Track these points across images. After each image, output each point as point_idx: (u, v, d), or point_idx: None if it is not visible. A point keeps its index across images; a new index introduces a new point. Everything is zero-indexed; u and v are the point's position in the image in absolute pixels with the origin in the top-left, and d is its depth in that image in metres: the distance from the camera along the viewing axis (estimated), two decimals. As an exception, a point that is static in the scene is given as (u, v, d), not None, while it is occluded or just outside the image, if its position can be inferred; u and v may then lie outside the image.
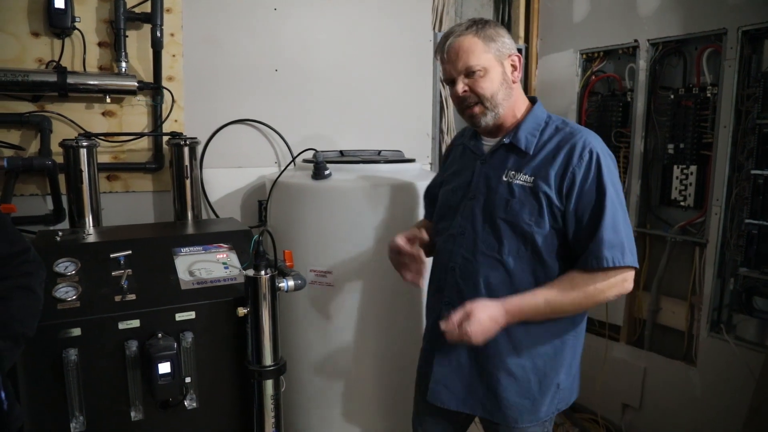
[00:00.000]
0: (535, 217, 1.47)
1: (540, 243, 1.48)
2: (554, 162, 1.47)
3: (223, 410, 1.83)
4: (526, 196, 1.48)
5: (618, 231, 1.42)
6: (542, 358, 1.56)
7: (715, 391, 2.46)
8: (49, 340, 1.57)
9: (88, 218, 2.07)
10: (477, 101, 1.51)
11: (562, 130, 1.52)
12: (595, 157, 1.44)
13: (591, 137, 1.50)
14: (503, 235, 1.50)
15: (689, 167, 2.55)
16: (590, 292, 1.44)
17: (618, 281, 1.44)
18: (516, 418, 1.57)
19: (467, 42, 1.49)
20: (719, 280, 2.46)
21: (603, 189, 1.43)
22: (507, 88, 1.52)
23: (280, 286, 1.77)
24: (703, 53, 2.48)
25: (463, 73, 1.50)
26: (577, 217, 1.45)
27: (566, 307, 1.47)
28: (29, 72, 2.06)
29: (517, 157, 1.53)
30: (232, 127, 2.56)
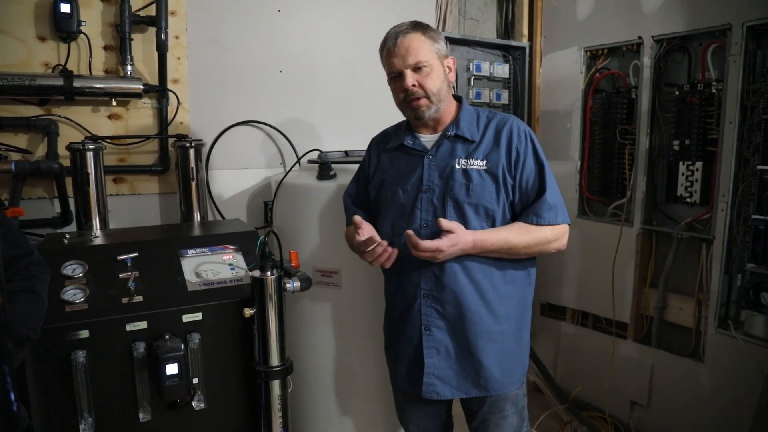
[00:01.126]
0: (495, 195, 1.65)
1: (499, 217, 1.67)
2: (499, 144, 1.67)
3: (231, 411, 1.84)
4: (483, 178, 1.65)
5: (554, 195, 1.66)
6: (514, 318, 1.73)
7: (724, 387, 2.45)
8: (57, 342, 1.59)
9: (95, 221, 2.08)
10: (423, 95, 1.65)
11: (494, 118, 1.73)
12: (529, 136, 1.69)
13: (519, 121, 1.73)
14: (468, 217, 1.65)
15: (695, 163, 2.54)
16: (540, 240, 1.65)
17: (560, 235, 1.69)
18: (509, 383, 1.73)
19: (417, 39, 1.64)
20: (726, 277, 2.45)
21: (541, 161, 1.67)
22: (447, 86, 1.70)
23: (286, 287, 1.78)
24: (707, 49, 2.47)
25: (411, 67, 1.64)
26: (521, 186, 1.66)
27: (519, 249, 1.65)
28: (36, 76, 2.08)
29: (463, 146, 1.69)
30: (237, 128, 2.57)
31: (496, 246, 1.62)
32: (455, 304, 1.67)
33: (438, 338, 1.70)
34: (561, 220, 1.67)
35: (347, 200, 1.94)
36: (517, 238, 1.63)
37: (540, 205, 1.64)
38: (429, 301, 1.70)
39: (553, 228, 1.66)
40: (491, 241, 1.61)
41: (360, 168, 1.94)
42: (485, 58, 3.13)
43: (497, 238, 1.62)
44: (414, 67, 1.63)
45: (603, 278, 2.90)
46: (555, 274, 3.17)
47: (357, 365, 2.23)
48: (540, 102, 3.26)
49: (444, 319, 1.69)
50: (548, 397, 3.08)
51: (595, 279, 2.98)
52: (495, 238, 1.62)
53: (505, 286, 1.70)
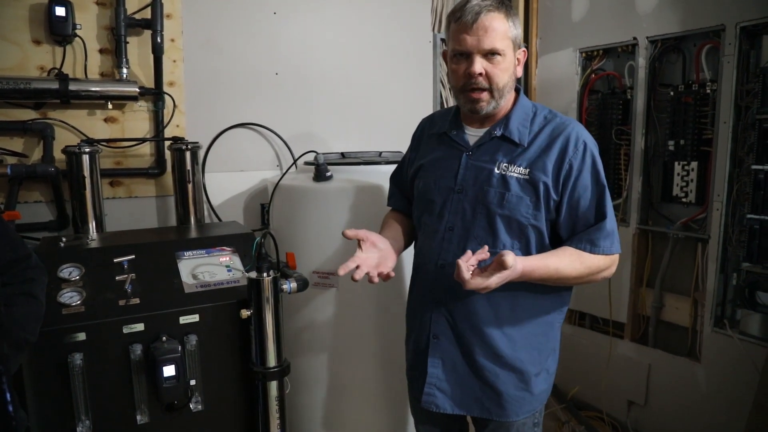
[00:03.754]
0: (533, 210, 1.46)
1: (533, 236, 1.48)
2: (549, 153, 1.46)
3: (229, 412, 1.83)
4: (522, 188, 1.45)
5: (613, 222, 1.48)
6: (535, 345, 1.56)
7: (720, 386, 2.46)
8: (54, 345, 1.58)
9: (91, 224, 2.08)
10: (487, 87, 1.45)
11: (552, 120, 1.51)
12: (589, 150, 1.47)
13: (581, 129, 1.51)
14: (498, 229, 1.48)
15: (690, 163, 2.56)
16: (592, 270, 1.47)
17: (610, 264, 1.50)
18: (516, 411, 1.56)
19: (499, 21, 1.40)
20: (722, 276, 2.46)
21: (601, 181, 1.47)
22: (512, 81, 1.49)
23: (283, 288, 1.78)
24: (701, 50, 2.48)
25: (484, 52, 1.42)
26: (571, 207, 1.47)
27: (570, 279, 1.48)
28: (31, 79, 2.08)
29: (508, 149, 1.50)
30: (233, 131, 2.57)
31: (545, 276, 1.42)
32: (466, 320, 1.53)
33: (445, 349, 1.57)
34: (616, 250, 1.48)
35: (391, 181, 1.85)
36: (569, 267, 1.44)
37: (598, 232, 1.45)
38: (441, 309, 1.56)
39: (606, 257, 1.47)
40: (540, 271, 1.40)
41: (408, 148, 1.82)
42: (481, 59, 3.13)
43: (547, 268, 1.41)
44: (487, 53, 1.41)
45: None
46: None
47: (354, 367, 2.23)
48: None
49: (453, 332, 1.56)
50: (546, 397, 3.08)
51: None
52: (545, 268, 1.41)
53: (529, 311, 1.54)
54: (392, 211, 1.85)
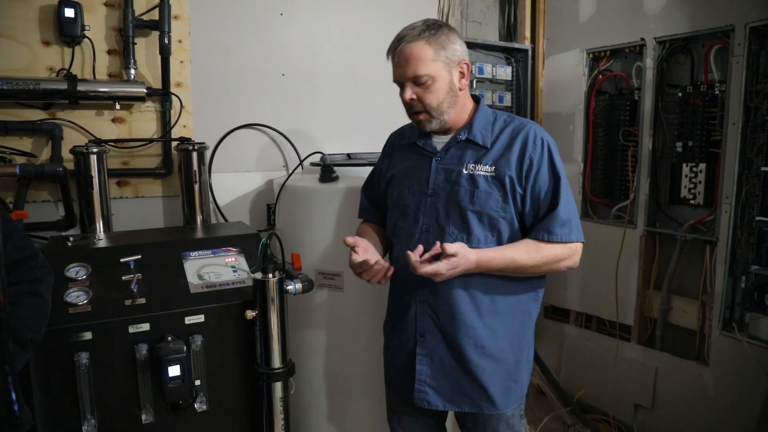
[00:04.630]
0: (501, 204, 1.55)
1: (505, 228, 1.57)
2: (512, 150, 1.57)
3: (233, 412, 1.84)
4: (490, 184, 1.56)
5: (568, 210, 1.55)
6: (515, 334, 1.64)
7: (728, 390, 2.44)
8: (60, 344, 1.59)
9: (98, 224, 2.09)
10: (422, 109, 1.58)
11: (511, 123, 1.63)
12: (546, 145, 1.57)
13: (539, 127, 1.62)
14: (471, 225, 1.57)
15: (698, 165, 2.54)
16: (551, 259, 1.55)
17: (573, 253, 1.58)
18: (505, 402, 1.63)
19: (417, 49, 1.53)
20: (730, 279, 2.44)
21: (557, 172, 1.56)
22: (452, 96, 1.59)
23: (288, 289, 1.78)
24: (710, 50, 2.46)
25: (411, 80, 1.55)
26: (533, 198, 1.56)
27: (526, 268, 1.55)
28: (40, 80, 2.09)
29: (473, 151, 1.60)
30: (240, 131, 2.58)
31: (502, 266, 1.52)
32: (449, 315, 1.59)
33: (432, 346, 1.63)
34: (575, 238, 1.55)
35: (363, 194, 1.92)
36: (525, 257, 1.52)
37: (551, 220, 1.53)
38: (424, 308, 1.63)
39: (564, 246, 1.55)
40: (496, 261, 1.51)
41: (378, 161, 1.90)
42: (488, 60, 3.13)
43: (503, 258, 1.51)
44: (413, 80, 1.55)
45: (607, 280, 2.89)
46: (558, 276, 3.15)
47: (360, 368, 2.22)
48: (543, 104, 3.26)
49: (438, 329, 1.62)
50: (552, 399, 3.07)
51: (598, 281, 2.97)
52: (501, 258, 1.51)
53: (506, 301, 1.61)
54: (365, 222, 1.91)
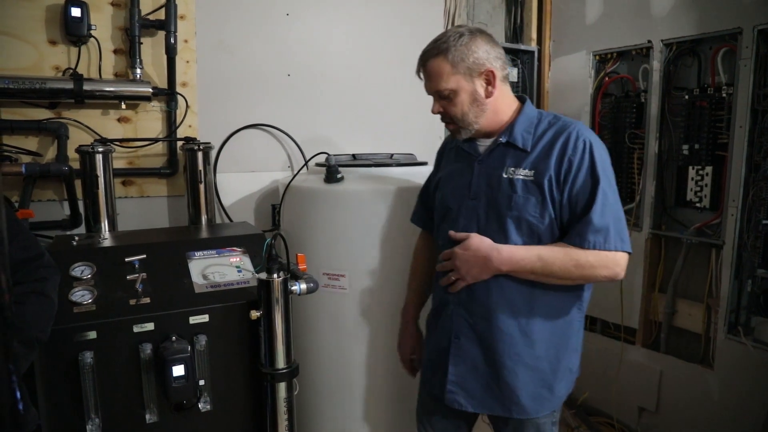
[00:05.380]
0: (539, 209, 1.51)
1: (543, 234, 1.52)
2: (551, 152, 1.51)
3: (237, 413, 1.84)
4: (528, 189, 1.52)
5: (605, 216, 1.46)
6: (553, 343, 1.59)
7: (733, 394, 2.42)
8: (65, 343, 1.59)
9: (103, 223, 2.09)
10: (450, 120, 1.61)
11: (555, 124, 1.57)
12: (588, 146, 1.50)
13: (583, 128, 1.55)
14: (509, 230, 1.53)
15: (704, 168, 2.53)
16: (582, 264, 1.47)
17: (610, 263, 1.48)
18: (537, 409, 1.59)
19: (436, 65, 1.55)
20: (736, 282, 2.43)
21: (596, 176, 1.48)
22: (478, 106, 1.56)
23: (293, 289, 1.78)
24: (717, 53, 2.45)
25: (435, 94, 1.59)
26: (571, 203, 1.50)
27: (555, 270, 1.49)
28: (46, 79, 2.09)
29: (514, 154, 1.57)
30: (245, 131, 2.58)
31: (530, 264, 1.48)
32: (485, 319, 1.58)
33: (466, 348, 1.62)
34: (612, 246, 1.46)
35: (417, 198, 1.94)
36: (553, 257, 1.47)
37: (584, 225, 1.46)
38: (460, 310, 1.62)
39: (598, 253, 1.46)
40: (522, 254, 1.49)
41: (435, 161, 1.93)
42: (493, 61, 3.12)
43: (530, 254, 1.48)
44: (437, 94, 1.58)
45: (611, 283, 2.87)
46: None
47: (364, 369, 2.22)
48: (549, 106, 3.25)
49: (473, 332, 1.61)
50: (556, 402, 3.05)
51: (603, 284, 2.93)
52: (528, 254, 1.49)
53: (546, 308, 1.57)
54: (420, 236, 1.98)
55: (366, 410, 2.26)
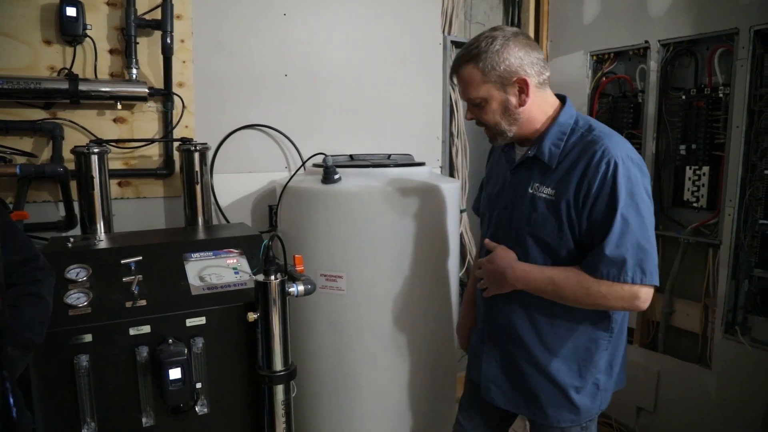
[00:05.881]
0: (557, 231, 1.47)
1: (564, 256, 1.48)
2: (573, 173, 1.44)
3: (234, 415, 1.83)
4: (547, 210, 1.48)
5: (621, 247, 1.38)
6: (575, 359, 1.57)
7: (731, 394, 2.43)
8: (60, 346, 1.58)
9: (99, 224, 2.08)
10: (485, 126, 1.57)
11: (586, 137, 1.47)
12: (612, 168, 1.38)
13: (613, 143, 1.42)
14: (528, 247, 1.53)
15: (702, 168, 2.53)
16: (592, 293, 1.42)
17: (626, 295, 1.40)
18: (558, 418, 1.59)
19: (466, 73, 1.50)
20: (733, 282, 2.43)
21: (615, 202, 1.38)
22: (511, 115, 1.50)
23: (290, 291, 1.77)
24: (714, 53, 2.46)
25: (467, 101, 1.56)
26: (590, 228, 1.43)
27: (566, 295, 1.46)
28: (41, 79, 2.07)
29: (541, 169, 1.51)
30: (242, 132, 2.56)
31: (541, 284, 1.48)
32: (506, 328, 1.62)
33: (495, 351, 1.67)
34: (629, 279, 1.37)
35: (480, 188, 1.92)
36: (564, 282, 1.45)
37: (596, 255, 1.40)
38: (489, 314, 1.68)
39: (611, 285, 1.39)
40: (534, 275, 1.49)
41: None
42: (490, 62, 3.12)
43: (542, 275, 1.48)
44: (469, 102, 1.54)
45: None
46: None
47: (362, 370, 2.21)
48: (545, 106, 3.24)
49: (500, 337, 1.65)
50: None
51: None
52: (539, 274, 1.48)
53: (566, 325, 1.54)
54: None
55: (364, 414, 2.25)
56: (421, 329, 2.23)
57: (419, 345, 2.23)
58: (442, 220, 2.25)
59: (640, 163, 1.45)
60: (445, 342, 2.37)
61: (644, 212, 1.40)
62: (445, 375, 2.42)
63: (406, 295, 2.16)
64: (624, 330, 1.63)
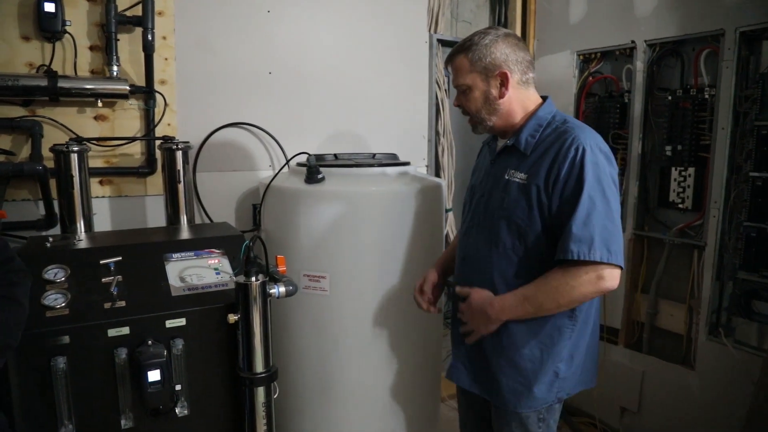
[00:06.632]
0: (527, 213, 1.54)
1: (532, 239, 1.55)
2: (545, 158, 1.53)
3: (215, 417, 1.80)
4: (518, 193, 1.56)
5: (589, 225, 1.44)
6: (539, 346, 1.61)
7: (714, 395, 2.44)
8: (37, 348, 1.55)
9: (79, 224, 2.04)
10: (468, 114, 1.69)
11: (559, 128, 1.57)
12: (580, 153, 1.47)
13: (583, 133, 1.52)
14: (500, 230, 1.60)
15: (687, 169, 2.53)
16: (562, 288, 1.48)
17: (591, 278, 1.45)
18: (514, 402, 1.64)
19: (457, 61, 1.64)
20: (718, 283, 2.44)
21: (581, 183, 1.45)
22: (490, 105, 1.62)
23: (271, 293, 1.75)
24: (700, 54, 2.46)
25: (456, 88, 1.68)
26: (560, 211, 1.50)
27: (545, 303, 1.51)
28: (19, 76, 2.04)
29: (517, 157, 1.61)
30: (226, 130, 2.54)
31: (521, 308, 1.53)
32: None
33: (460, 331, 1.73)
34: (597, 257, 1.42)
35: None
36: (534, 291, 1.52)
37: (565, 236, 1.46)
38: (458, 302, 1.73)
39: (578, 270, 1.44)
40: (509, 300, 1.55)
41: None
42: (478, 60, 3.11)
43: (516, 298, 1.54)
44: (457, 88, 1.67)
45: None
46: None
47: (345, 371, 2.20)
48: (533, 105, 3.24)
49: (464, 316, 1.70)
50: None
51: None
52: (513, 297, 1.55)
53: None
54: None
55: (348, 414, 2.24)
56: (405, 330, 2.22)
57: (403, 345, 2.22)
58: (426, 220, 2.24)
59: (608, 154, 1.54)
60: (430, 342, 2.36)
61: (610, 197, 1.48)
62: (430, 375, 2.42)
63: (390, 296, 2.15)
64: (589, 323, 1.66)
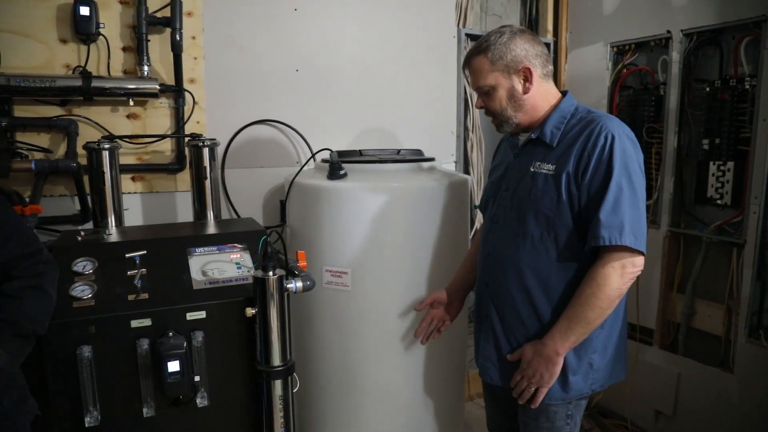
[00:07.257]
0: (555, 203, 1.53)
1: (560, 229, 1.54)
2: (573, 148, 1.53)
3: (234, 409, 1.85)
4: (547, 184, 1.55)
5: (618, 212, 1.45)
6: None
7: (754, 399, 2.33)
8: (64, 337, 1.62)
9: (110, 218, 2.11)
10: (492, 115, 1.68)
11: (586, 118, 1.57)
12: (609, 140, 1.48)
13: (610, 122, 1.53)
14: (528, 222, 1.59)
15: (726, 163, 2.42)
16: (592, 291, 1.48)
17: (616, 267, 1.46)
18: (548, 395, 1.61)
19: (476, 63, 1.63)
20: (758, 283, 2.33)
21: (611, 171, 1.46)
22: (516, 102, 1.62)
23: (289, 287, 1.77)
24: (740, 42, 2.35)
25: (477, 90, 1.67)
26: (589, 199, 1.50)
27: (589, 314, 1.50)
28: (56, 77, 2.13)
29: (543, 150, 1.61)
30: (253, 127, 2.58)
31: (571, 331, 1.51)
32: (507, 305, 1.66)
33: (492, 328, 1.71)
34: (626, 241, 1.43)
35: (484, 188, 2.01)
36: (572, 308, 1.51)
37: (595, 224, 1.46)
38: (488, 292, 1.72)
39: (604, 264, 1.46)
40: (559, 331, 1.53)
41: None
42: (509, 54, 3.06)
43: (561, 325, 1.53)
44: (478, 90, 1.66)
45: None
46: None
47: (367, 367, 2.21)
48: (566, 99, 3.17)
49: (498, 314, 1.69)
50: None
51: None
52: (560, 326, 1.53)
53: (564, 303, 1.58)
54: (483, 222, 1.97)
55: (371, 408, 2.25)
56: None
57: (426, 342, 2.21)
58: (451, 217, 2.22)
59: (635, 140, 1.55)
60: (454, 339, 2.34)
61: (636, 184, 1.49)
62: (454, 373, 2.40)
63: (411, 292, 2.15)
64: (620, 314, 1.64)
